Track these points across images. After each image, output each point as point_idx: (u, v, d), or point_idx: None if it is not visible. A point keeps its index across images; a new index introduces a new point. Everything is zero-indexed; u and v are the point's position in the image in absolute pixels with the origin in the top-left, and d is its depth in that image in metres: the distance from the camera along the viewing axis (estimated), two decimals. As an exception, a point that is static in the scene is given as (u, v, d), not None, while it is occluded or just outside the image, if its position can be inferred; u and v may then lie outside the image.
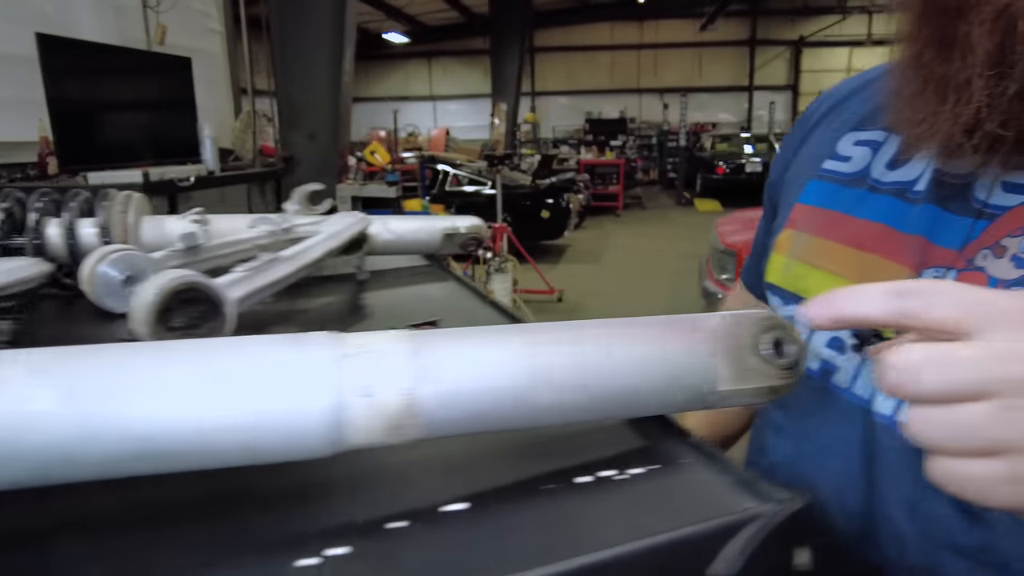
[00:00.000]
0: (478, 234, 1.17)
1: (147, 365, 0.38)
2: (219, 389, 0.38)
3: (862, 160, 0.73)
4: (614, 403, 0.43)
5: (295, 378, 0.39)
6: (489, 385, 0.41)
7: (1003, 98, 0.52)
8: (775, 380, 0.46)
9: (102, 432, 0.35)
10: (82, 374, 0.37)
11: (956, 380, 0.34)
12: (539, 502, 0.39)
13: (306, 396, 0.38)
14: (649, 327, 0.45)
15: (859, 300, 0.39)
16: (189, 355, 0.39)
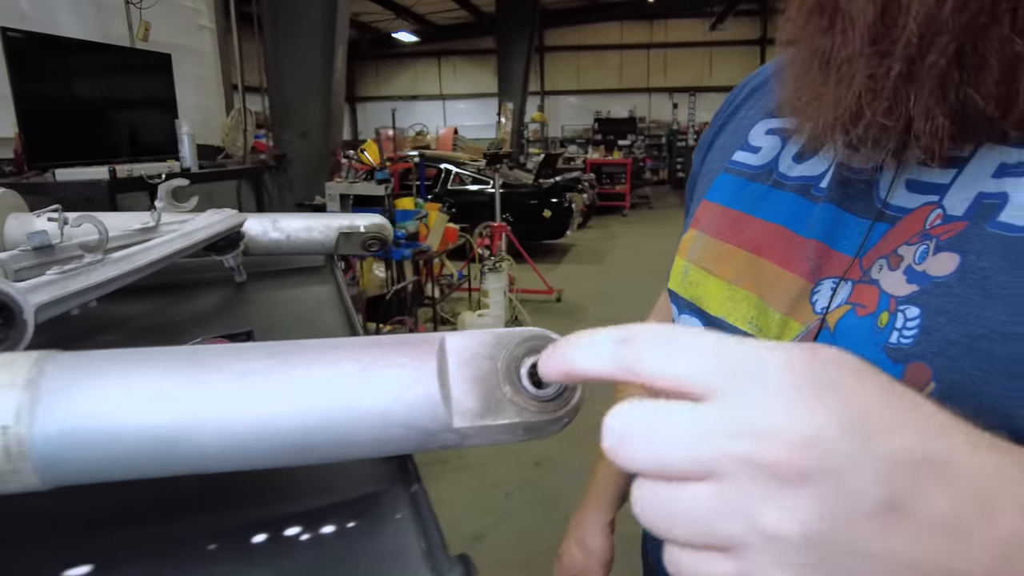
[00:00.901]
0: (380, 233, 1.07)
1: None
2: None
3: (771, 151, 0.63)
4: (305, 447, 0.34)
5: None
6: (134, 423, 0.32)
7: (886, 80, 0.41)
8: (532, 415, 0.36)
9: None
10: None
11: (673, 452, 0.25)
12: (187, 566, 0.30)
13: None
14: (363, 348, 0.36)
15: (588, 350, 0.29)
16: None
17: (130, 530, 0.34)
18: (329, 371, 0.34)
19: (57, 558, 0.31)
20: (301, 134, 5.14)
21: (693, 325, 0.66)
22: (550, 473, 3.23)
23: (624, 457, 0.25)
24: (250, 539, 0.32)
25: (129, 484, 0.34)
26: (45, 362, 0.33)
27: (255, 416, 0.33)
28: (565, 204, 8.27)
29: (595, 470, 0.92)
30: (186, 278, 0.97)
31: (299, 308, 0.83)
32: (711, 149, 0.74)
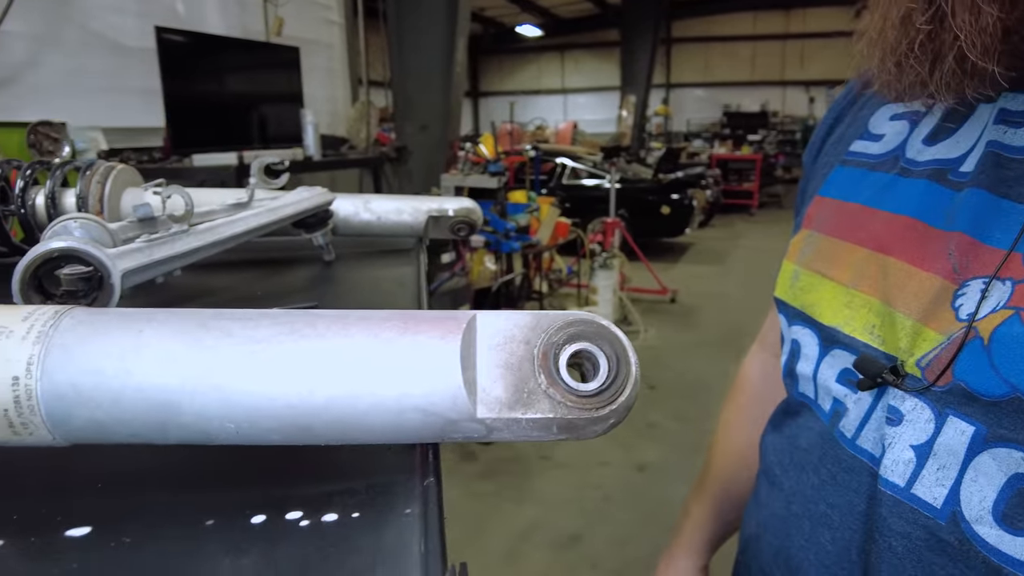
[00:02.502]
0: (468, 217, 1.05)
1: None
2: None
3: (896, 137, 0.55)
4: (312, 426, 0.31)
5: None
6: (137, 384, 0.30)
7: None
8: (569, 411, 0.31)
9: None
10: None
11: None
12: (180, 539, 0.28)
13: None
14: (380, 322, 0.32)
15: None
16: None
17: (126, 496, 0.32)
18: (341, 343, 0.31)
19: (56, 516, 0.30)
20: (421, 126, 5.28)
21: (805, 336, 0.58)
22: (653, 480, 3.12)
23: None
24: (249, 519, 0.30)
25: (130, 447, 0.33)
26: (62, 316, 0.32)
27: (258, 387, 0.30)
28: (685, 201, 7.98)
29: (688, 509, 0.83)
30: (279, 255, 0.99)
31: (373, 287, 0.82)
32: (824, 145, 0.66)
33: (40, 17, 3.09)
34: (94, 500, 0.32)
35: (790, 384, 0.61)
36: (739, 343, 5.19)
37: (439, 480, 0.32)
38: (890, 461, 0.43)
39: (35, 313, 0.32)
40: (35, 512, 0.31)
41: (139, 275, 0.68)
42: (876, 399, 0.46)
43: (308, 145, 3.57)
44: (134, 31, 3.44)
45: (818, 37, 17.17)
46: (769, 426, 0.66)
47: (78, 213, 0.88)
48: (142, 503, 0.31)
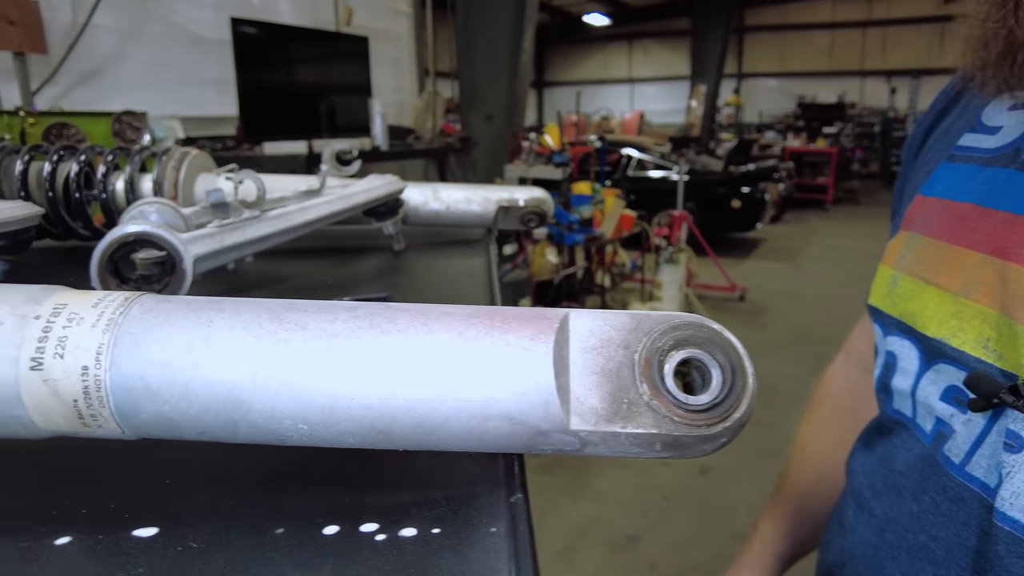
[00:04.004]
0: (539, 208, 1.02)
1: None
2: None
3: (1015, 128, 0.49)
4: (390, 429, 0.28)
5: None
6: (207, 378, 0.28)
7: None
8: (675, 427, 0.28)
9: None
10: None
11: None
12: (248, 547, 0.26)
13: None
14: (465, 319, 0.29)
15: None
16: None
17: (193, 497, 0.30)
18: (424, 341, 0.28)
19: (124, 513, 0.29)
20: (486, 117, 5.28)
21: (903, 348, 0.52)
22: (716, 483, 3.03)
23: None
24: (320, 529, 0.27)
25: (198, 445, 0.31)
26: (132, 304, 0.30)
27: (334, 386, 0.28)
28: (757, 195, 7.72)
29: (758, 525, 0.78)
30: (349, 243, 0.99)
31: (445, 279, 0.79)
32: (928, 140, 0.60)
33: (126, 11, 3.21)
34: (161, 499, 0.30)
35: (883, 399, 0.56)
36: (811, 345, 4.98)
37: (527, 496, 0.29)
38: (1009, 493, 0.38)
39: (105, 299, 0.30)
40: (104, 508, 0.29)
41: (211, 261, 0.68)
42: (991, 422, 0.41)
43: (376, 135, 3.61)
44: (211, 23, 3.55)
45: (903, 24, 16.29)
46: (859, 444, 0.60)
47: (154, 198, 0.89)
48: (209, 506, 0.29)
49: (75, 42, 2.98)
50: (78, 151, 1.05)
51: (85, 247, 1.05)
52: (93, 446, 0.32)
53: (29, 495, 0.31)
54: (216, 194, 0.85)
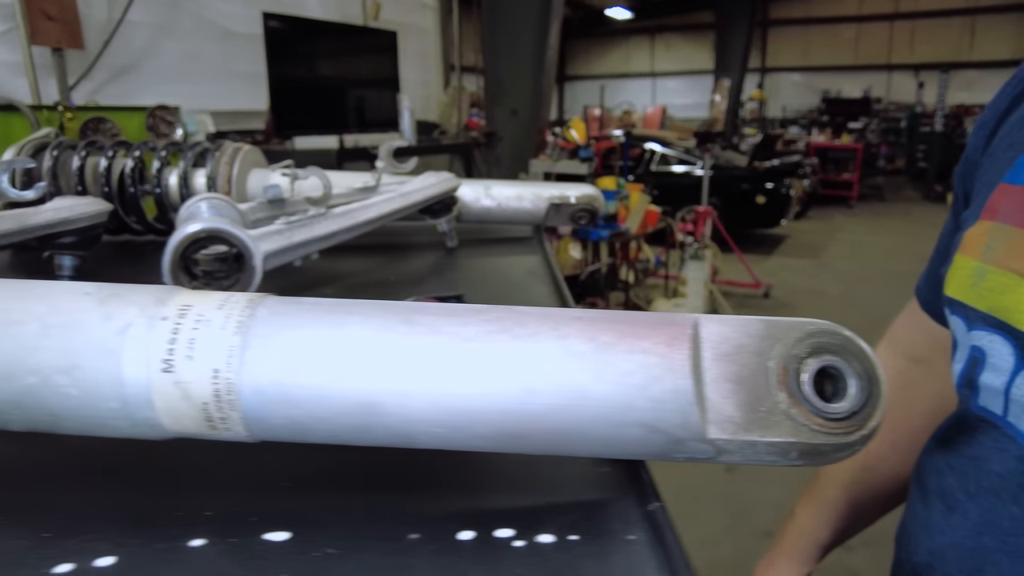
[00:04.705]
0: (590, 205, 1.01)
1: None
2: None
3: None
4: (522, 434, 0.28)
5: (93, 337, 0.29)
6: (340, 380, 0.28)
7: None
8: (817, 436, 0.27)
9: None
10: None
11: None
12: (381, 552, 0.26)
13: (101, 361, 0.28)
14: (597, 324, 0.28)
15: None
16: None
17: (318, 500, 0.30)
18: (557, 347, 0.28)
19: (250, 516, 0.29)
20: (511, 112, 5.25)
21: (994, 344, 0.50)
22: (742, 482, 3.01)
23: None
24: (454, 534, 0.27)
25: (329, 448, 0.31)
26: (257, 305, 0.30)
27: (470, 389, 0.27)
28: (782, 190, 7.63)
29: (795, 512, 0.77)
30: (401, 240, 0.99)
31: (508, 277, 0.79)
32: (1001, 127, 0.58)
33: (159, 7, 3.24)
34: (287, 502, 0.30)
35: (968, 395, 0.54)
36: (840, 342, 5.02)
37: (663, 504, 0.28)
38: None
39: (229, 301, 0.30)
40: (229, 511, 0.29)
41: (279, 257, 0.68)
42: None
43: (404, 130, 3.62)
44: (241, 18, 3.57)
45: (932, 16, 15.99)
46: (934, 442, 0.59)
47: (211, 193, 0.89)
48: (337, 509, 0.29)
49: (111, 38, 3.02)
50: (132, 146, 1.06)
51: (136, 242, 1.06)
52: (203, 446, 0.32)
53: (152, 497, 0.31)
54: (273, 190, 0.85)
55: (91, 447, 0.32)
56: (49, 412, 0.29)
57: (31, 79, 2.71)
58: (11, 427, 0.31)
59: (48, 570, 0.26)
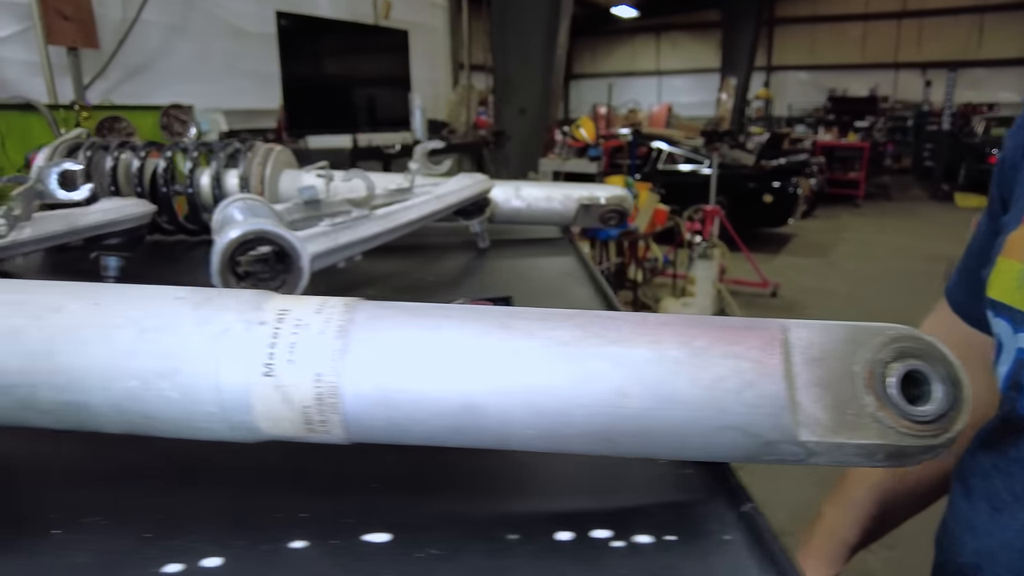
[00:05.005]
0: (620, 206, 1.01)
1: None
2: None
3: None
4: (616, 437, 0.28)
5: (193, 342, 0.29)
6: (439, 384, 0.28)
7: None
8: (902, 438, 0.28)
9: None
10: None
11: None
12: (484, 553, 0.26)
13: (201, 365, 0.29)
14: (688, 329, 0.29)
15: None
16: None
17: (419, 502, 0.30)
18: (652, 351, 0.28)
19: (345, 518, 0.29)
20: (520, 110, 5.25)
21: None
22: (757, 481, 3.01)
23: None
24: (552, 535, 0.28)
25: (417, 449, 0.31)
26: (354, 310, 0.30)
27: (567, 392, 0.28)
28: (790, 189, 7.62)
29: (822, 512, 0.78)
30: (431, 241, 0.99)
31: (544, 278, 0.79)
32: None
33: (173, 6, 3.25)
34: (380, 503, 0.31)
35: (1015, 397, 0.55)
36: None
37: (755, 505, 0.29)
38: None
39: (326, 306, 0.30)
40: (324, 512, 0.30)
41: (325, 259, 0.69)
42: None
43: (416, 129, 3.62)
44: (253, 16, 3.58)
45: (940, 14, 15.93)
46: (977, 443, 0.59)
47: (246, 194, 0.90)
48: (433, 511, 0.30)
49: (125, 37, 3.03)
50: (164, 147, 1.06)
51: (166, 241, 1.07)
52: (287, 447, 0.33)
53: (246, 498, 0.32)
54: (309, 191, 0.86)
55: (177, 448, 0.33)
56: (147, 415, 0.30)
57: (47, 78, 2.72)
58: (106, 429, 0.31)
59: (157, 570, 0.26)
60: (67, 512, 0.31)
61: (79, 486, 0.34)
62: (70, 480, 0.35)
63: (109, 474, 0.34)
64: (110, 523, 0.30)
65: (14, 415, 0.31)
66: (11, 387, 0.30)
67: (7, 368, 0.30)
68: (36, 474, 0.36)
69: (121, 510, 0.31)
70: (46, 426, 0.32)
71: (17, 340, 0.30)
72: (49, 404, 0.30)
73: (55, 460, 0.37)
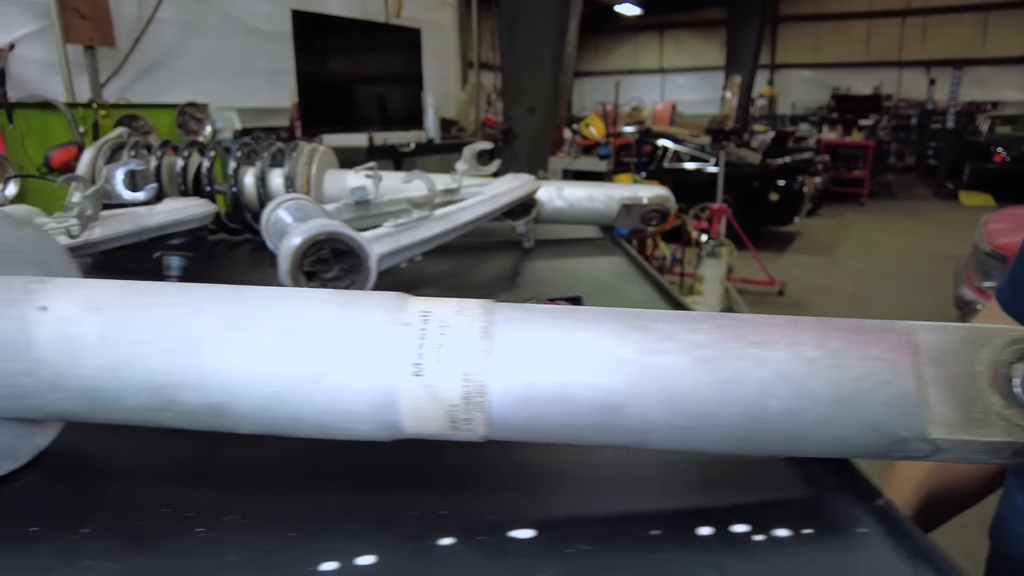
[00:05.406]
0: (663, 206, 1.02)
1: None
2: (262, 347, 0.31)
3: None
4: (755, 436, 0.29)
5: (341, 343, 0.30)
6: (582, 384, 0.29)
7: None
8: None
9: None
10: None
11: None
12: (631, 548, 0.27)
13: (351, 366, 0.30)
14: (823, 332, 0.30)
15: None
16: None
17: (560, 499, 0.31)
18: (791, 353, 0.29)
19: (486, 515, 0.30)
20: (528, 109, 5.25)
21: None
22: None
23: None
24: (693, 530, 0.29)
25: (542, 446, 0.32)
26: (493, 312, 0.31)
27: (707, 393, 0.29)
28: (796, 187, 7.62)
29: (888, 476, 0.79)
30: (472, 241, 1.00)
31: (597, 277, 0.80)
32: None
33: (187, 4, 3.26)
34: (518, 499, 0.32)
35: None
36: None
37: (888, 500, 0.30)
38: None
39: (465, 308, 0.32)
40: (462, 510, 0.31)
41: (389, 260, 0.70)
42: None
43: (429, 127, 3.62)
44: (265, 15, 3.59)
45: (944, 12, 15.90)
46: None
47: (297, 194, 0.91)
48: (572, 507, 0.31)
49: (140, 35, 3.03)
50: (207, 146, 1.07)
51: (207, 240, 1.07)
52: (415, 445, 0.34)
53: (385, 497, 0.33)
54: (360, 192, 0.87)
55: (309, 448, 0.34)
56: (294, 417, 0.31)
57: (65, 77, 2.73)
58: (244, 430, 0.32)
59: (315, 567, 0.27)
60: (204, 511, 0.32)
61: (209, 486, 0.35)
62: (198, 480, 0.36)
63: (237, 474, 0.35)
64: (251, 522, 0.31)
65: (155, 416, 0.32)
66: (155, 388, 0.31)
67: (151, 370, 0.31)
68: (164, 473, 0.37)
69: (259, 509, 0.32)
70: (184, 427, 0.33)
71: (160, 342, 0.31)
72: (191, 406, 0.31)
73: (177, 459, 0.38)
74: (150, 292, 0.33)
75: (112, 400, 0.32)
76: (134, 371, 0.31)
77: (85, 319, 0.32)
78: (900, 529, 0.28)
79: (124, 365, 0.31)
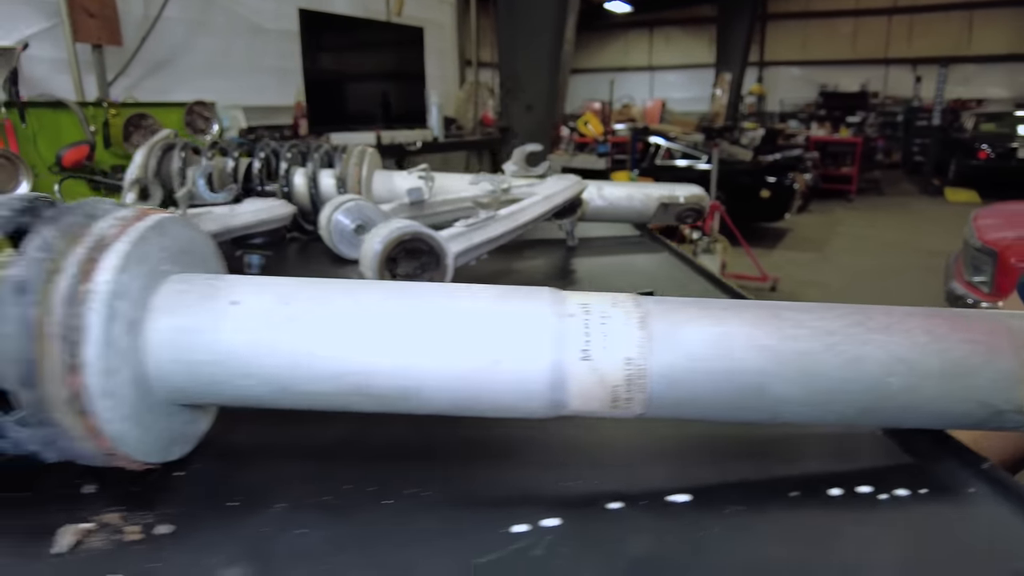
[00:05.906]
0: (698, 204, 1.07)
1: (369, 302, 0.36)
2: (441, 335, 0.35)
3: None
4: (875, 409, 0.34)
5: (515, 332, 0.35)
6: (729, 367, 0.34)
7: None
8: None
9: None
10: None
11: None
12: (778, 508, 0.32)
13: (525, 352, 0.34)
14: (929, 318, 0.35)
15: None
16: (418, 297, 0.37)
17: (709, 467, 0.36)
18: (906, 337, 0.34)
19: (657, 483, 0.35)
20: (526, 107, 5.29)
21: None
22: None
23: None
24: (824, 491, 0.33)
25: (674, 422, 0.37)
26: (643, 304, 0.36)
27: (836, 373, 0.34)
28: (786, 184, 7.72)
29: None
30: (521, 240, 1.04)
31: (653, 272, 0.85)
32: None
33: (194, 3, 3.27)
34: (672, 468, 0.36)
35: None
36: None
37: (992, 463, 0.35)
38: None
39: (618, 301, 0.36)
40: (621, 477, 0.36)
41: (462, 258, 0.74)
42: None
43: (433, 125, 3.66)
44: (271, 13, 3.60)
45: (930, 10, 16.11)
46: None
47: (355, 195, 0.95)
48: (721, 475, 0.36)
49: (148, 34, 3.04)
50: (257, 147, 1.11)
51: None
52: (555, 426, 0.38)
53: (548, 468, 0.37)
54: (416, 192, 0.91)
55: (456, 426, 0.38)
56: (473, 398, 0.35)
57: (75, 76, 2.74)
58: (425, 411, 0.36)
59: (506, 529, 0.32)
60: (385, 486, 0.36)
61: (372, 463, 0.39)
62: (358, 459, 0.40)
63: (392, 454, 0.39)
64: (432, 494, 0.35)
65: (342, 400, 0.36)
66: (347, 375, 0.35)
67: (346, 358, 0.35)
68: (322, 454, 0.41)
69: (434, 483, 0.36)
70: (367, 409, 0.37)
71: (351, 333, 0.35)
72: (381, 390, 0.35)
73: (324, 442, 0.42)
74: (322, 288, 0.37)
75: (302, 386, 0.36)
76: (325, 359, 0.35)
77: (275, 311, 0.36)
78: (1008, 488, 0.32)
79: (317, 353, 0.35)
